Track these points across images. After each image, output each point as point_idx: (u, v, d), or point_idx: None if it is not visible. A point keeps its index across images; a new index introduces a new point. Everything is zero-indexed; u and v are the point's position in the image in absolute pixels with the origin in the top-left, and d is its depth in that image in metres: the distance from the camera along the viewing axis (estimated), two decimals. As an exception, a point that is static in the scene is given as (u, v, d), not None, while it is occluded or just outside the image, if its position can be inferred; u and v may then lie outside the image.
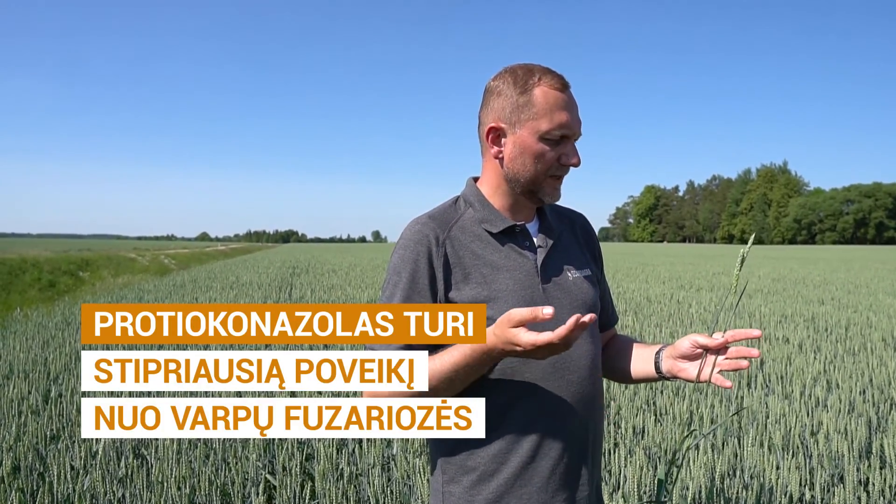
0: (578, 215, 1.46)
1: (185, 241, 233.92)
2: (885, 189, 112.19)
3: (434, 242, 1.24)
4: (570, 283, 1.30)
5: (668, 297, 11.75)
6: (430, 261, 1.23)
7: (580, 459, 1.29)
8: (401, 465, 3.24)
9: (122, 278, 18.99)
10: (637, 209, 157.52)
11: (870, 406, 4.33)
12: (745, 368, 1.20)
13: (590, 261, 1.39)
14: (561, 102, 1.22)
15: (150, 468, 3.35)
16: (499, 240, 1.27)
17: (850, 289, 13.79)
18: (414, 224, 1.28)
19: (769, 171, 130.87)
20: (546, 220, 1.34)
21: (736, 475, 3.28)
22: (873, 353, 6.18)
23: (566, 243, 1.36)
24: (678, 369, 1.28)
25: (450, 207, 1.32)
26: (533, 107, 1.22)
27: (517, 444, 1.23)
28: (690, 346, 1.26)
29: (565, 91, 1.24)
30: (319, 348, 6.04)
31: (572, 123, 1.23)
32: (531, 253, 1.28)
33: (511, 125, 1.24)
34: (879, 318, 8.69)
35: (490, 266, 1.25)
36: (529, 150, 1.23)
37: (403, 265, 1.25)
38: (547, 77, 1.23)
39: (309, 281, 15.53)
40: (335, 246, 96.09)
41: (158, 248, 45.41)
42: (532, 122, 1.22)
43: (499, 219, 1.28)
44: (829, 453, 3.48)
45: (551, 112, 1.22)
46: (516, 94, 1.23)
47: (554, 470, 1.25)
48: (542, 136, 1.22)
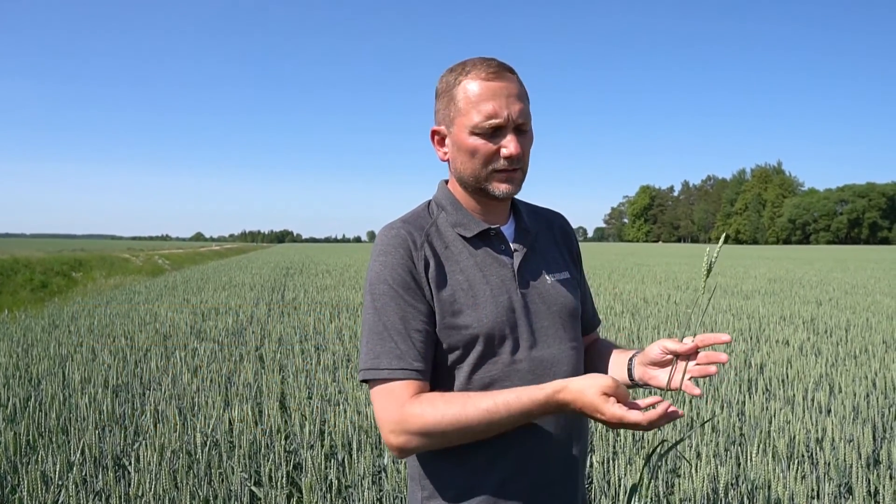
0: (556, 215, 1.40)
1: (179, 241, 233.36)
2: (879, 189, 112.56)
3: (413, 245, 1.18)
4: (549, 287, 1.25)
5: (665, 297, 11.65)
6: (414, 263, 1.17)
7: (565, 472, 1.23)
8: (392, 477, 3.11)
9: (113, 279, 18.79)
10: (632, 209, 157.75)
11: (875, 412, 4.22)
12: (713, 374, 1.15)
13: (569, 263, 1.34)
14: (487, 92, 1.16)
15: (131, 480, 3.21)
16: (473, 244, 1.22)
17: (847, 289, 13.73)
18: (388, 229, 1.22)
19: (764, 171, 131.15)
20: (522, 222, 1.28)
21: (740, 484, 3.16)
22: (875, 357, 6.08)
23: (544, 245, 1.31)
24: (649, 377, 1.23)
25: (422, 212, 1.26)
26: (459, 102, 1.18)
27: (499, 458, 1.17)
28: (661, 352, 1.20)
29: (495, 79, 1.17)
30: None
31: (500, 110, 1.15)
32: (507, 257, 1.23)
33: (447, 126, 1.22)
34: (879, 320, 8.60)
35: (465, 272, 1.20)
36: (464, 147, 1.18)
37: (386, 271, 1.17)
38: (476, 69, 1.18)
39: (303, 282, 15.40)
40: (330, 246, 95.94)
41: (153, 249, 45.15)
42: (460, 118, 1.18)
43: (472, 222, 1.23)
44: (836, 462, 3.36)
45: (477, 104, 1.16)
46: (446, 94, 1.20)
47: (538, 484, 1.19)
48: (472, 131, 1.17)
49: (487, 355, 1.17)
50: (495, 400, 1.08)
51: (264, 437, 3.68)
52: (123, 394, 4.79)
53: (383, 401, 1.12)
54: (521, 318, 1.19)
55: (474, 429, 1.09)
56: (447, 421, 1.08)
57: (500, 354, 1.17)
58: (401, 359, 1.13)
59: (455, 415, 1.08)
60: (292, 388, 4.90)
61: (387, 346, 1.13)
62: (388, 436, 1.12)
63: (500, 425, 1.09)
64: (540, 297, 1.23)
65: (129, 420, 4.10)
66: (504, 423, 1.09)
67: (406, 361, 1.13)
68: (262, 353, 6.35)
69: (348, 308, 9.99)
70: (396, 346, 1.13)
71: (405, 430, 1.10)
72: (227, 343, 6.88)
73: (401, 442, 1.11)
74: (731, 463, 3.30)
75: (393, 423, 1.10)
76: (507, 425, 1.10)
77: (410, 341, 1.14)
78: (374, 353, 1.14)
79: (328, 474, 3.28)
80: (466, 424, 1.08)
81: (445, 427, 1.09)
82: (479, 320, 1.16)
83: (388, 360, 1.13)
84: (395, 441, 1.11)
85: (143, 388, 5.01)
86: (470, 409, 1.08)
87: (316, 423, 3.95)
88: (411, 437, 1.10)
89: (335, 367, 5.75)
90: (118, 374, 5.31)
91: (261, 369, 5.64)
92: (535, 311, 1.21)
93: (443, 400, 1.10)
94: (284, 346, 6.71)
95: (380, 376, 1.13)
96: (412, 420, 1.09)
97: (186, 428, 3.90)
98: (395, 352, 1.13)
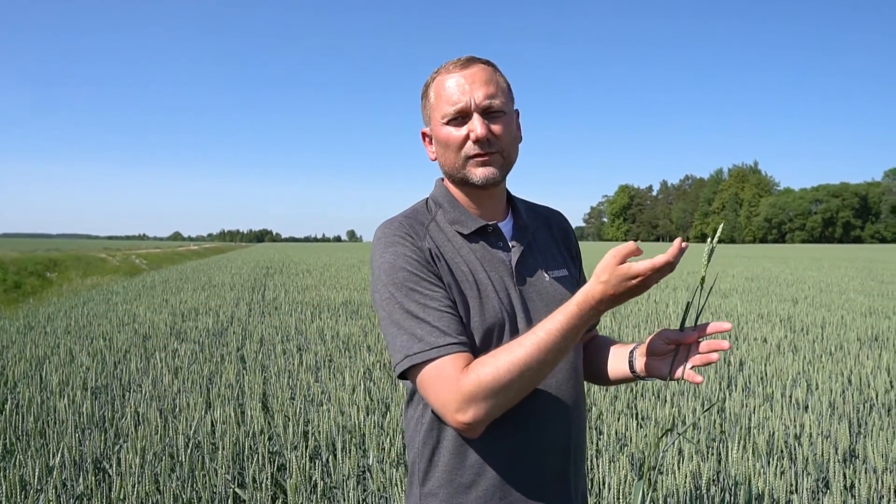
0: (555, 213, 1.40)
1: (157, 240, 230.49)
2: (852, 189, 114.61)
3: (416, 237, 1.19)
4: (546, 283, 1.25)
5: (645, 296, 11.75)
6: (421, 251, 1.17)
7: (563, 467, 1.22)
8: (377, 477, 3.11)
9: (90, 279, 18.51)
10: (611, 208, 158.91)
11: (850, 407, 4.30)
12: (714, 362, 1.16)
13: (567, 260, 1.34)
14: (452, 83, 1.19)
15: (112, 483, 3.17)
16: (471, 241, 1.22)
17: (821, 287, 13.96)
18: (390, 223, 1.21)
19: (741, 171, 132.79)
20: (520, 219, 1.28)
21: (721, 481, 3.20)
22: (850, 354, 6.19)
23: (541, 242, 1.31)
24: (651, 367, 1.23)
25: (421, 209, 1.27)
26: (432, 99, 1.23)
27: (495, 453, 1.17)
28: (662, 342, 1.21)
29: (462, 69, 1.20)
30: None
31: (461, 96, 1.18)
32: (505, 253, 1.23)
33: (430, 126, 1.25)
34: (853, 317, 8.76)
35: (463, 269, 1.19)
36: (441, 140, 1.21)
37: (400, 259, 1.15)
38: (447, 65, 1.22)
39: (283, 282, 15.29)
40: (310, 245, 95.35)
41: (129, 248, 44.50)
42: (434, 113, 1.22)
43: (470, 219, 1.23)
44: (814, 457, 3.42)
45: (444, 95, 1.20)
46: (425, 94, 1.25)
47: (536, 480, 1.19)
48: (443, 122, 1.21)
49: (486, 350, 1.14)
50: (537, 332, 1.06)
51: (248, 439, 3.66)
52: (103, 396, 4.73)
53: (437, 382, 1.07)
54: (519, 314, 1.19)
55: (531, 365, 1.05)
56: (504, 371, 1.05)
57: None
58: (445, 334, 1.09)
59: (509, 361, 1.05)
60: (275, 388, 4.87)
61: (426, 328, 1.09)
62: (455, 415, 1.06)
63: (553, 351, 1.06)
64: (538, 295, 1.23)
65: (110, 422, 4.04)
66: (554, 347, 1.06)
67: (451, 336, 1.09)
68: (244, 354, 6.30)
69: (329, 308, 9.94)
70: (437, 324, 1.10)
71: (470, 400, 1.05)
72: (208, 344, 6.81)
73: (470, 415, 1.06)
74: (713, 459, 3.34)
75: (455, 400, 1.06)
76: (559, 350, 1.07)
77: (448, 316, 1.11)
78: (416, 336, 1.09)
79: (313, 475, 3.26)
80: (523, 365, 1.05)
81: (504, 379, 1.05)
82: (474, 319, 1.15)
83: (432, 338, 1.09)
84: (465, 417, 1.06)
85: (123, 389, 4.94)
86: (518, 351, 1.06)
87: (300, 424, 3.93)
88: (479, 404, 1.05)
89: (317, 367, 5.72)
90: (97, 376, 5.24)
91: (242, 370, 5.59)
92: (533, 308, 1.21)
93: (490, 356, 1.07)
94: (266, 347, 6.66)
95: (430, 357, 1.08)
96: (473, 388, 1.05)
97: (168, 430, 3.86)
98: (437, 330, 1.09)
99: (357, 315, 9.18)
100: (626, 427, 3.85)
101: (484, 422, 1.08)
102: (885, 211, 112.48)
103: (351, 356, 6.08)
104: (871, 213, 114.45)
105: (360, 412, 4.02)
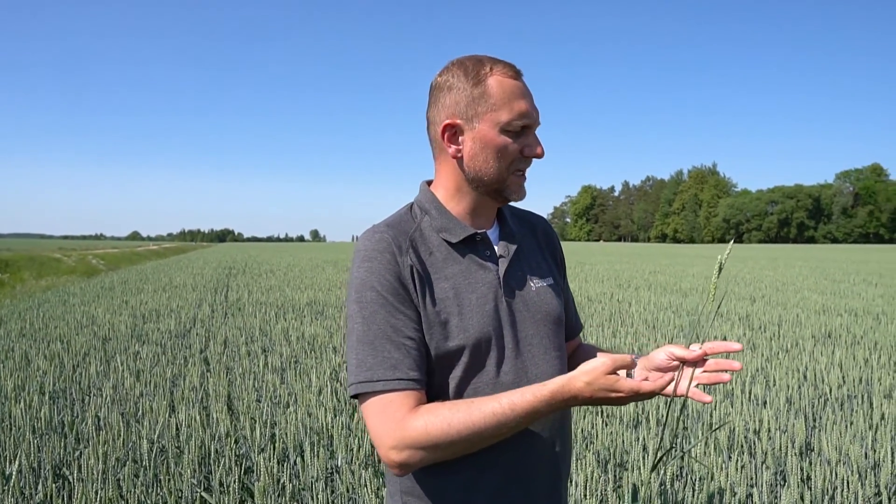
0: (539, 219, 1.37)
1: (114, 240, 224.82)
2: (806, 191, 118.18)
3: (398, 250, 1.12)
4: (534, 294, 1.22)
5: (609, 296, 11.93)
6: (400, 267, 1.11)
7: (553, 478, 1.21)
8: (345, 478, 3.10)
9: (45, 280, 17.99)
10: (574, 209, 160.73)
11: (806, 402, 4.44)
12: (726, 382, 1.12)
13: (552, 267, 1.31)
14: (518, 91, 1.14)
15: (73, 490, 3.09)
16: (459, 250, 1.17)
17: (778, 286, 14.35)
18: (373, 233, 1.15)
19: (700, 172, 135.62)
20: (507, 226, 1.25)
21: (684, 476, 3.28)
22: (805, 350, 6.39)
23: (528, 250, 1.27)
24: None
25: (405, 215, 1.20)
26: (490, 98, 1.13)
27: (487, 470, 1.14)
28: (666, 358, 1.17)
29: (520, 79, 1.16)
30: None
31: (532, 111, 1.15)
32: (493, 264, 1.19)
33: (468, 120, 1.14)
34: (808, 315, 9.03)
35: (451, 280, 1.15)
36: (491, 144, 1.14)
37: (373, 277, 1.11)
38: (499, 66, 1.15)
39: (246, 282, 15.09)
40: (273, 245, 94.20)
41: (86, 248, 43.38)
42: (491, 113, 1.13)
43: (458, 227, 1.18)
44: (773, 451, 3.53)
45: (510, 101, 1.13)
46: (470, 87, 1.14)
47: (528, 493, 1.17)
48: (504, 128, 1.13)
49: (474, 365, 1.13)
50: (500, 402, 1.04)
51: (214, 442, 3.61)
52: (62, 400, 4.61)
53: (379, 415, 1.05)
54: (506, 326, 1.16)
55: (482, 434, 1.03)
56: (455, 430, 1.02)
57: (486, 364, 1.14)
58: (396, 369, 1.06)
59: (462, 421, 1.03)
60: (240, 390, 4.81)
61: (379, 357, 1.06)
62: (389, 452, 1.04)
63: (508, 427, 1.04)
64: (524, 305, 1.20)
65: (69, 427, 3.95)
66: (511, 424, 1.04)
67: (402, 371, 1.06)
68: (207, 356, 6.21)
69: (294, 309, 9.85)
70: (390, 355, 1.06)
71: (408, 444, 1.03)
72: (171, 346, 6.69)
73: (403, 458, 1.03)
74: (677, 455, 3.42)
75: (393, 438, 1.03)
76: (514, 427, 1.05)
77: (405, 349, 1.07)
78: (366, 364, 1.07)
79: (280, 478, 3.24)
80: (475, 430, 1.03)
81: (454, 436, 1.02)
82: (465, 330, 1.12)
83: (382, 370, 1.06)
84: (397, 457, 1.03)
85: (83, 393, 4.83)
86: (476, 413, 1.03)
87: (267, 426, 3.89)
88: (415, 451, 1.03)
89: (283, 368, 5.67)
90: (55, 380, 5.10)
91: (206, 372, 5.51)
92: (520, 319, 1.18)
93: (446, 408, 1.04)
94: (230, 349, 6.57)
95: (375, 389, 1.05)
96: (417, 435, 1.02)
97: (131, 434, 3.78)
98: (388, 362, 1.06)
99: (322, 316, 9.11)
100: (591, 425, 3.91)
101: (414, 468, 1.06)
102: (837, 212, 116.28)
103: (317, 357, 6.04)
104: (823, 213, 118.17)
105: (327, 413, 4.00)
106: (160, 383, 5.01)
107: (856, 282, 15.78)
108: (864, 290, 13.14)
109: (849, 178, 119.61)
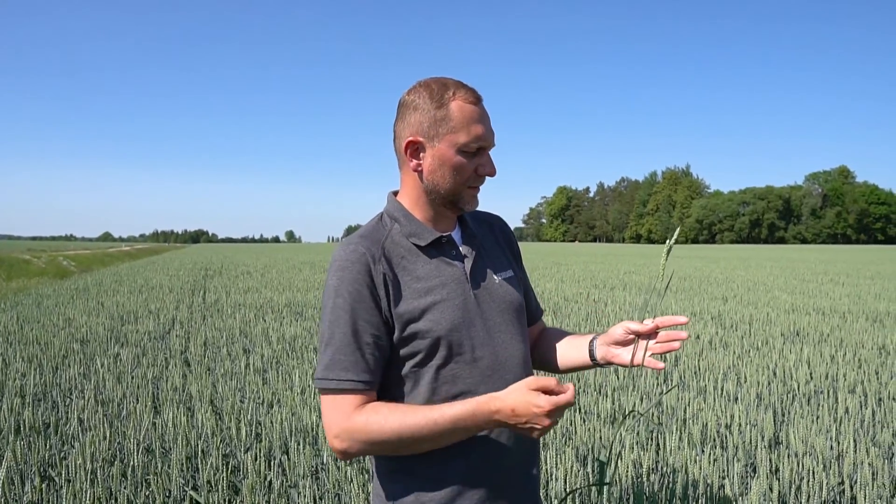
0: (496, 218, 1.51)
1: (85, 241, 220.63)
2: (776, 192, 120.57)
3: (371, 260, 1.24)
4: (497, 286, 1.35)
5: (585, 296, 12.11)
6: (372, 278, 1.23)
7: (527, 458, 1.33)
8: (332, 474, 3.17)
9: (15, 282, 17.67)
10: (550, 209, 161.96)
11: (775, 398, 4.61)
12: (676, 350, 1.29)
13: (511, 261, 1.45)
14: (476, 115, 1.26)
15: (60, 491, 3.12)
16: (427, 252, 1.30)
17: (749, 286, 14.67)
18: (346, 245, 1.26)
19: (673, 173, 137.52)
20: (468, 228, 1.38)
21: (660, 469, 3.40)
22: (774, 348, 6.59)
23: (489, 247, 1.41)
24: (612, 355, 1.36)
25: (377, 225, 1.33)
26: (451, 120, 1.25)
27: (450, 468, 1.25)
28: (623, 332, 1.34)
29: (479, 104, 1.28)
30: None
31: (487, 135, 1.28)
32: (459, 262, 1.32)
33: (429, 139, 1.26)
34: (777, 314, 9.28)
35: (423, 279, 1.27)
36: (448, 163, 1.26)
37: (343, 285, 1.23)
38: (461, 91, 1.27)
39: (223, 283, 15.00)
40: (248, 246, 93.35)
41: (56, 249, 42.64)
42: (450, 135, 1.25)
43: (426, 231, 1.31)
44: (743, 444, 3.67)
45: (468, 125, 1.25)
46: (433, 109, 1.25)
47: (500, 473, 1.28)
48: (460, 149, 1.26)
49: (450, 356, 1.25)
50: (434, 409, 1.17)
51: (200, 442, 3.65)
52: (44, 403, 4.60)
53: (330, 409, 1.20)
54: (475, 317, 1.28)
55: (416, 439, 1.17)
56: (389, 427, 1.16)
57: (462, 353, 1.26)
58: (348, 370, 1.20)
59: (399, 423, 1.16)
60: (223, 391, 4.84)
61: (336, 358, 1.20)
62: (333, 440, 1.20)
63: (440, 435, 1.17)
64: (490, 296, 1.32)
65: (54, 429, 3.96)
66: (443, 433, 1.17)
67: (354, 373, 1.20)
68: (188, 357, 6.21)
69: (273, 309, 9.86)
70: (346, 357, 1.20)
71: (350, 436, 1.18)
72: (151, 347, 6.68)
73: (344, 446, 1.19)
74: (652, 449, 3.55)
75: (340, 427, 1.19)
76: (447, 437, 1.18)
77: (360, 353, 1.20)
78: (325, 363, 1.21)
79: (268, 475, 3.29)
80: (409, 434, 1.17)
81: (385, 436, 1.17)
82: (438, 323, 1.23)
83: (336, 371, 1.20)
84: (339, 445, 1.19)
85: (65, 395, 4.82)
86: (410, 417, 1.17)
87: (252, 426, 3.94)
88: (355, 443, 1.19)
89: (265, 369, 5.71)
90: (34, 383, 5.08)
91: (188, 373, 5.53)
92: (487, 308, 1.31)
93: (387, 408, 1.19)
94: (211, 350, 6.58)
95: (329, 386, 1.20)
96: (357, 427, 1.18)
97: (116, 435, 3.80)
98: (343, 363, 1.20)
99: (301, 316, 9.14)
100: (570, 421, 4.02)
101: (353, 456, 1.23)
102: (806, 213, 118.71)
103: (298, 357, 6.08)
104: (793, 214, 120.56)
105: (311, 413, 4.06)
106: (142, 384, 5.02)
107: (823, 282, 16.18)
108: (832, 290, 13.50)
109: (817, 179, 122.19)
